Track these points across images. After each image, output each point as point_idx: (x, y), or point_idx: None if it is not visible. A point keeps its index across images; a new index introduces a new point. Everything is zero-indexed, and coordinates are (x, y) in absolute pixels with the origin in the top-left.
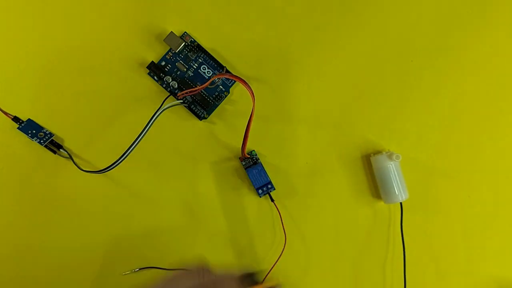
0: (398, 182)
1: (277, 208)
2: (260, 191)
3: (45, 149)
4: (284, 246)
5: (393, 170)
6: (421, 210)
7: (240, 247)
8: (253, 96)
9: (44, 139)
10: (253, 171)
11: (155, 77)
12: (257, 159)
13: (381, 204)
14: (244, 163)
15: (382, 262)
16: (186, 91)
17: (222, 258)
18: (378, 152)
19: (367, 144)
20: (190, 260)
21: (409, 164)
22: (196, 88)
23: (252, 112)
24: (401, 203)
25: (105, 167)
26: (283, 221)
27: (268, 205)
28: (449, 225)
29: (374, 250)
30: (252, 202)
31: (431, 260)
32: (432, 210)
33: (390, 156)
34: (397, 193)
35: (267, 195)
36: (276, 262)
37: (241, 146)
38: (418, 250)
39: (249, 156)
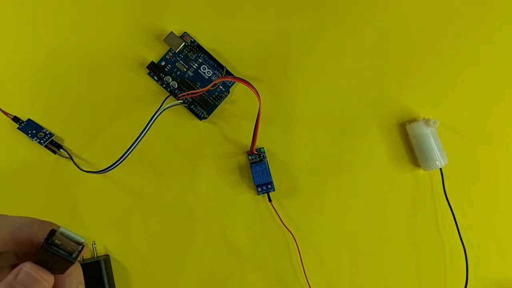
0: (436, 148)
1: (274, 209)
2: (259, 189)
3: (45, 149)
4: (297, 246)
5: (431, 136)
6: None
7: (240, 247)
8: (258, 96)
9: (44, 139)
10: (256, 168)
11: (155, 77)
12: (264, 156)
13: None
14: (250, 158)
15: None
16: (187, 92)
17: (222, 257)
18: (414, 120)
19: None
20: None
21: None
22: (197, 91)
23: (259, 110)
24: (441, 169)
25: (105, 168)
26: (283, 221)
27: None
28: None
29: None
30: (251, 201)
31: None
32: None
33: (427, 122)
34: (436, 159)
35: (266, 194)
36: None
37: (250, 142)
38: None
39: (256, 152)
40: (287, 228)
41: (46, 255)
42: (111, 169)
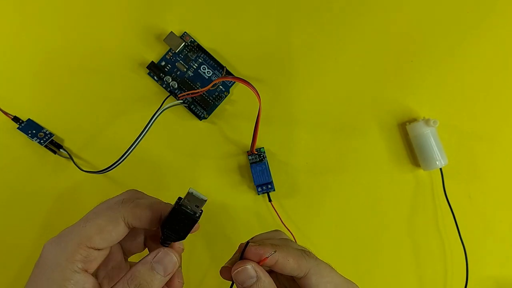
0: (436, 148)
1: (274, 209)
2: (259, 189)
3: (45, 149)
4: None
5: (431, 136)
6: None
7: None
8: (258, 96)
9: (44, 139)
10: (256, 168)
11: (155, 77)
12: (264, 156)
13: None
14: (250, 158)
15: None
16: (187, 92)
17: (222, 257)
18: (414, 120)
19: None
20: None
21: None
22: (197, 91)
23: (259, 110)
24: (441, 169)
25: (105, 168)
26: (283, 221)
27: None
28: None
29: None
30: (251, 201)
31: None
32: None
33: (427, 122)
34: (436, 159)
35: (266, 194)
36: None
37: (250, 142)
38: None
39: (256, 152)
40: (287, 228)
41: (174, 220)
42: (111, 169)
